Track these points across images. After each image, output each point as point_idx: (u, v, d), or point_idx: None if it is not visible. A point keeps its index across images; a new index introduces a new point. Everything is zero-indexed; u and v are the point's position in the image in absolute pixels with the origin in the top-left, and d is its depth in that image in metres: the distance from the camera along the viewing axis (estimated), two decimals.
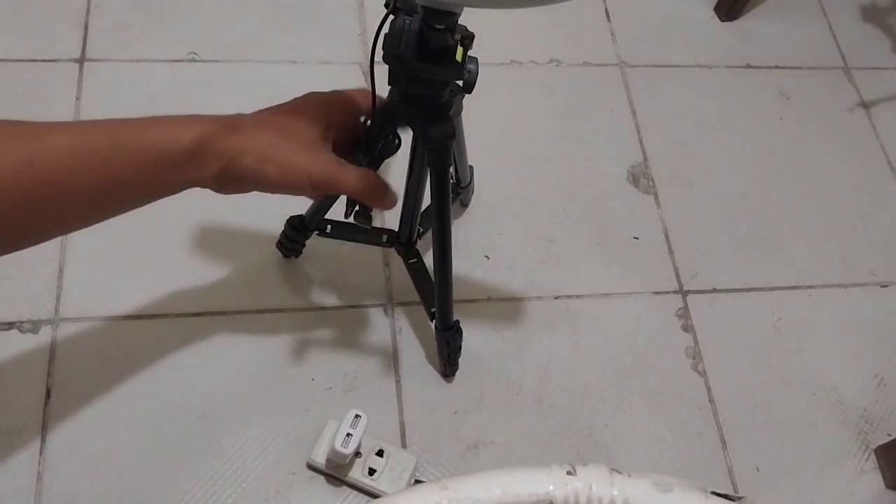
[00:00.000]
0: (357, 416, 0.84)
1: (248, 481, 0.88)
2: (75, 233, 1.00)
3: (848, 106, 1.35)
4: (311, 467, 0.89)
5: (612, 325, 1.06)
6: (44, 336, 0.93)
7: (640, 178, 1.20)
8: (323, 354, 0.97)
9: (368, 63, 1.21)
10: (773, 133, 1.29)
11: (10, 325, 0.93)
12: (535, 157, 1.18)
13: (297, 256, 1.01)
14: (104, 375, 0.91)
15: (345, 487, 0.89)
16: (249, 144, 0.55)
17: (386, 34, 0.58)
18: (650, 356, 1.05)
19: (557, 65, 1.28)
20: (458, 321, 0.90)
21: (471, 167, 1.02)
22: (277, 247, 0.99)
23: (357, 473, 0.87)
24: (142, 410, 0.90)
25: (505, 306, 1.05)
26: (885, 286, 1.17)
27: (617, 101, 1.27)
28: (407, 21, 0.58)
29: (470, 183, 1.04)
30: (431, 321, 0.90)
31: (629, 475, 0.41)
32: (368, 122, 0.66)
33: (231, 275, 1.00)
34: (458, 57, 0.58)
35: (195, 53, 1.16)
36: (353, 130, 0.65)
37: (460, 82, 0.60)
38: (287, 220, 0.94)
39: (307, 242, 0.98)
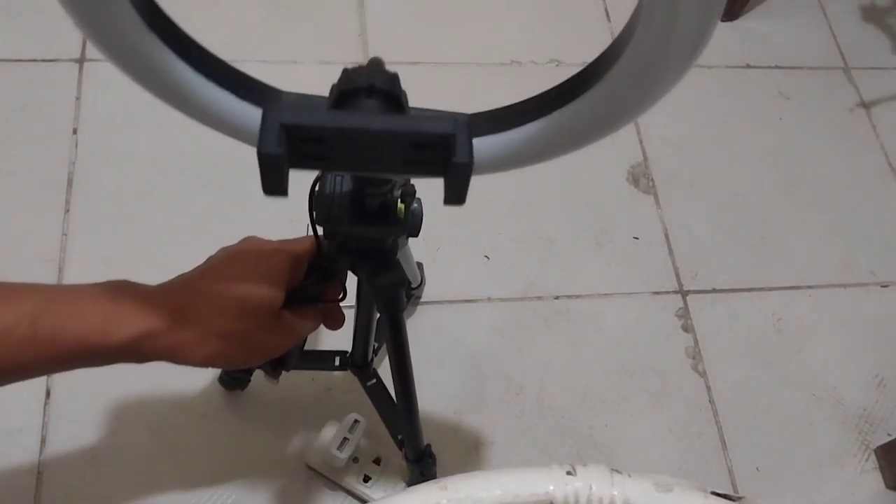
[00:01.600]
0: (356, 420, 0.84)
1: (247, 481, 0.88)
2: (75, 232, 1.01)
3: (848, 106, 1.35)
4: (309, 468, 0.89)
5: (612, 325, 1.06)
6: None
7: (640, 178, 1.20)
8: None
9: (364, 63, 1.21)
10: (773, 133, 1.29)
11: None
12: None
13: (242, 389, 0.92)
14: (104, 375, 0.91)
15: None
16: (198, 345, 0.48)
17: (316, 197, 0.50)
18: (650, 356, 1.05)
19: (557, 65, 1.28)
20: (429, 445, 0.83)
21: (419, 264, 0.96)
22: (219, 381, 0.90)
23: (352, 479, 0.87)
24: (142, 410, 0.90)
25: (505, 306, 1.05)
26: (885, 286, 1.17)
27: None
28: (338, 179, 0.50)
29: (421, 282, 0.98)
30: (400, 449, 0.83)
31: (629, 475, 0.41)
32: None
33: None
34: (400, 213, 0.50)
35: None
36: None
37: None
38: None
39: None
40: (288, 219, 0.68)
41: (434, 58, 1.23)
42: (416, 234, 0.54)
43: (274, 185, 0.33)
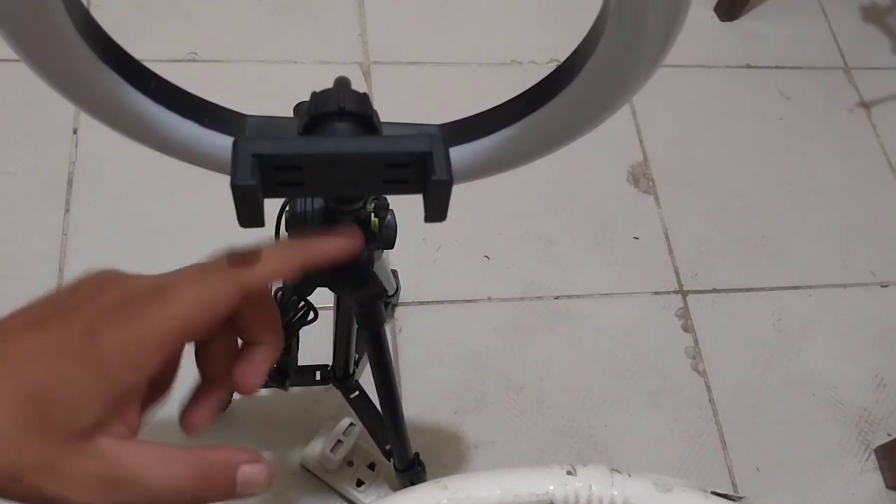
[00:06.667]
0: (351, 424, 0.84)
1: None
2: (75, 232, 1.01)
3: (848, 106, 1.35)
4: (304, 469, 0.89)
5: (612, 325, 1.06)
6: None
7: (640, 178, 1.20)
8: (323, 354, 0.97)
9: (368, 63, 1.21)
10: (773, 133, 1.29)
11: None
12: None
13: (222, 411, 0.88)
14: None
15: None
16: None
17: (287, 217, 0.49)
18: (650, 356, 1.05)
19: (557, 65, 1.28)
20: (417, 454, 0.82)
21: (393, 271, 0.96)
22: None
23: (345, 482, 0.87)
24: None
25: (505, 306, 1.05)
26: (885, 286, 1.17)
27: None
28: (308, 199, 0.49)
29: (397, 289, 0.98)
30: (388, 460, 0.82)
31: (629, 475, 0.41)
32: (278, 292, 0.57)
33: None
34: (374, 227, 0.50)
35: (195, 53, 1.16)
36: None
37: None
38: None
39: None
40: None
41: (434, 58, 1.23)
42: (391, 247, 0.52)
43: (250, 216, 0.33)
